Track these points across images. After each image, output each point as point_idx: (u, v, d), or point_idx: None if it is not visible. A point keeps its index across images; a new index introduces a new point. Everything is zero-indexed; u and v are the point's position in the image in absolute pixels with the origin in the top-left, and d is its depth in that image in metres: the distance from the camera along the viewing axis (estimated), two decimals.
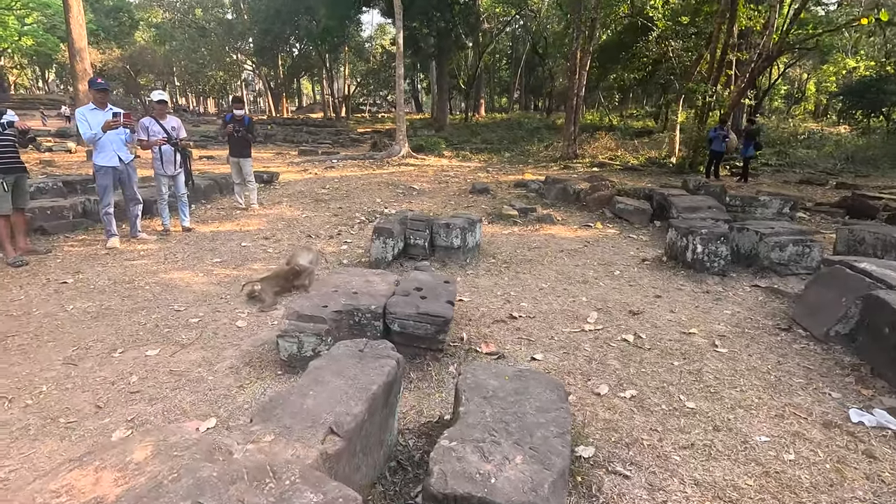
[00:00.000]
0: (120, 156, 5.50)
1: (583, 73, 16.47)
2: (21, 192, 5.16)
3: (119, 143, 5.51)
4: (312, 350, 2.83)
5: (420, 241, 5.02)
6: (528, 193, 9.41)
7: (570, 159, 16.81)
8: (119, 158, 5.49)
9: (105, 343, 3.33)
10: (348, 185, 10.29)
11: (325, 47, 35.00)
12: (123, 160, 5.54)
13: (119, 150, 5.50)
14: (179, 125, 6.21)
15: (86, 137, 5.35)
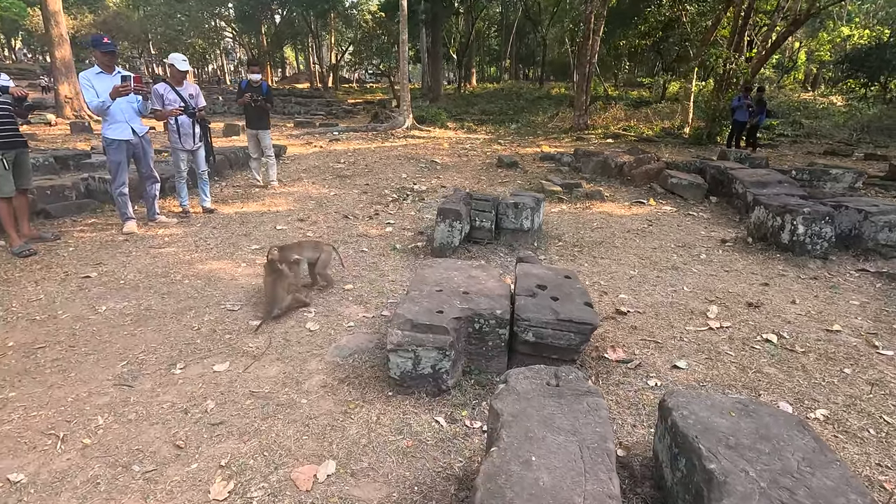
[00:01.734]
0: (133, 127, 4.75)
1: (596, 39, 15.70)
2: (23, 170, 4.45)
3: (131, 112, 4.75)
4: (432, 367, 2.31)
5: (486, 223, 4.47)
6: (561, 167, 8.85)
7: (582, 130, 16.21)
8: (132, 130, 4.74)
9: (158, 355, 2.77)
10: (364, 159, 9.59)
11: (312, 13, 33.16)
12: (137, 132, 4.79)
13: (131, 120, 4.74)
14: (198, 92, 5.43)
15: (92, 106, 4.57)
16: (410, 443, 2.10)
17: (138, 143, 4.84)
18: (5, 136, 4.22)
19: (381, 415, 2.27)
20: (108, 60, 4.65)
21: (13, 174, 4.32)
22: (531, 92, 27.90)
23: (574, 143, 13.68)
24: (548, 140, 14.92)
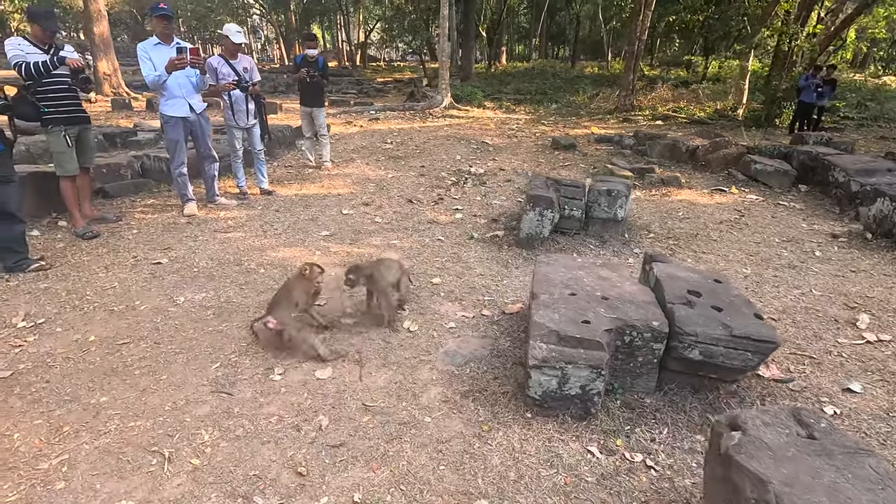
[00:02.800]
0: (191, 103, 4.43)
1: (647, 14, 14.81)
2: (86, 147, 4.22)
3: (189, 87, 4.44)
4: (581, 388, 1.98)
5: (576, 211, 4.07)
6: (623, 150, 8.31)
7: (628, 111, 15.45)
8: (190, 107, 4.43)
9: (252, 357, 2.50)
10: (411, 139, 9.21)
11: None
12: (195, 109, 4.48)
13: (189, 96, 4.43)
14: (252, 66, 5.08)
15: (149, 81, 4.27)
16: (568, 479, 1.78)
17: (196, 120, 4.54)
18: (69, 111, 3.99)
19: (522, 441, 1.95)
20: (165, 28, 4.30)
21: (76, 152, 4.10)
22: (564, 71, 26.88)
23: (621, 125, 13.05)
24: (592, 121, 14.28)
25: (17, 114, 3.94)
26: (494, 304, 3.11)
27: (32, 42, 3.81)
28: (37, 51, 3.80)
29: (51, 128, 3.92)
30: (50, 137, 3.97)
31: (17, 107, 3.89)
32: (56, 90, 3.89)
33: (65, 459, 1.84)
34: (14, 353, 2.49)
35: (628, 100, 15.61)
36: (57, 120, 3.92)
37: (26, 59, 3.68)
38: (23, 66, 3.65)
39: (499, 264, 3.74)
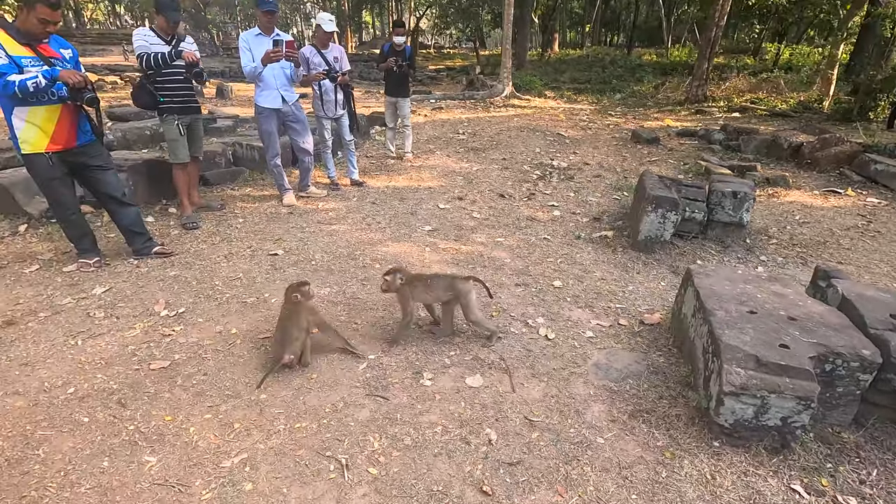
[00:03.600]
0: (283, 95, 4.41)
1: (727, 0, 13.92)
2: (195, 136, 4.30)
3: (284, 79, 4.41)
4: (781, 419, 1.80)
5: (697, 214, 3.81)
6: (711, 146, 7.83)
7: (701, 102, 14.66)
8: (282, 98, 4.41)
9: (397, 359, 2.45)
10: (483, 130, 9.03)
11: None
12: (287, 101, 4.46)
13: (283, 88, 4.42)
14: (342, 55, 5.01)
15: (246, 71, 4.31)
16: None
17: (289, 111, 4.53)
18: (182, 102, 4.06)
19: (714, 473, 1.80)
20: (268, 21, 4.28)
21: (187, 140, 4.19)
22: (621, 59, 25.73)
23: (695, 117, 12.39)
24: (662, 112, 13.66)
25: (138, 103, 4.08)
26: (628, 312, 2.94)
27: (157, 33, 3.89)
28: (160, 41, 3.88)
29: (165, 116, 4.02)
30: (164, 126, 4.07)
31: (137, 96, 4.01)
32: (172, 81, 3.97)
33: (245, 459, 1.83)
34: (166, 342, 2.54)
35: (701, 90, 14.80)
36: (171, 109, 4.00)
37: (149, 50, 3.77)
38: (144, 58, 3.75)
39: (618, 268, 3.55)
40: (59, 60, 3.03)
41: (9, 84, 2.75)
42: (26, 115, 2.95)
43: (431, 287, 2.50)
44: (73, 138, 3.15)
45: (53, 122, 3.03)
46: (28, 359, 2.39)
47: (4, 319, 2.71)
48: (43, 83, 2.81)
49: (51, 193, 3.20)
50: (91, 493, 1.68)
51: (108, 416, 2.03)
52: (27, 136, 3.00)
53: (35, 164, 3.08)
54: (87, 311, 2.83)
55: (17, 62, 2.83)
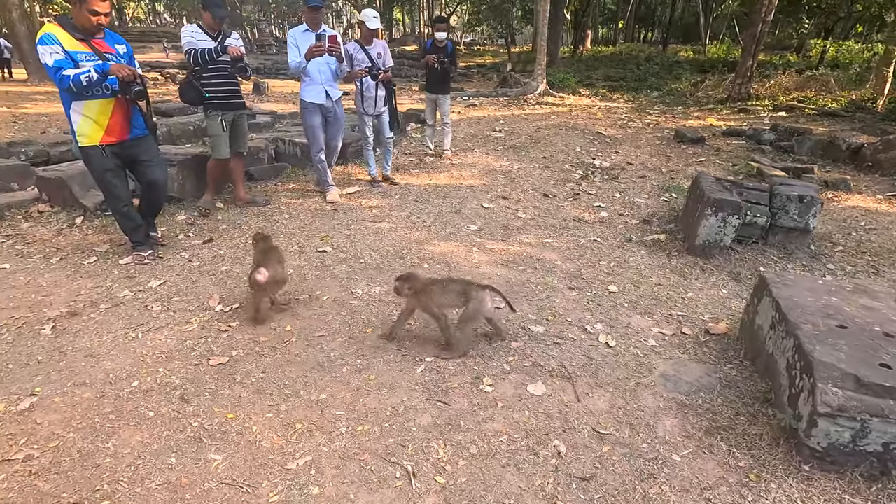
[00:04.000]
0: (328, 91, 4.43)
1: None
2: (240, 132, 4.33)
3: (329, 74, 4.42)
4: (883, 446, 1.66)
5: (759, 218, 3.63)
6: (761, 146, 7.51)
7: (744, 100, 14.15)
8: (326, 94, 4.43)
9: (454, 362, 2.39)
10: (520, 127, 8.90)
11: None
12: (331, 96, 4.48)
13: (327, 83, 4.43)
14: (386, 51, 4.97)
15: (292, 66, 4.32)
16: None
17: (332, 107, 4.55)
18: (226, 97, 4.08)
19: (805, 499, 1.67)
20: (314, 17, 4.29)
21: (230, 137, 4.22)
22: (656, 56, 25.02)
23: (738, 116, 11.97)
24: (702, 111, 13.26)
25: (184, 98, 4.12)
26: (690, 321, 2.81)
27: (204, 30, 3.94)
28: (206, 38, 3.93)
29: (210, 112, 4.07)
30: (208, 121, 4.13)
31: (184, 92, 4.05)
32: (218, 77, 4.01)
33: (309, 461, 1.80)
34: (222, 338, 2.55)
35: (744, 88, 14.29)
36: (215, 105, 4.05)
37: (196, 46, 3.82)
38: (191, 54, 3.80)
39: (674, 273, 3.41)
40: (113, 55, 3.10)
41: (64, 78, 2.84)
42: (83, 109, 3.05)
43: (447, 292, 2.42)
44: (126, 131, 3.23)
45: (107, 115, 3.11)
46: (92, 350, 2.43)
47: (68, 310, 2.77)
48: (95, 77, 2.89)
49: (105, 185, 3.28)
50: (161, 489, 1.68)
51: (172, 411, 2.04)
52: (84, 130, 3.09)
53: (90, 157, 3.16)
54: (144, 303, 2.87)
55: (72, 57, 2.92)
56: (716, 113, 12.60)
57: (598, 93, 16.74)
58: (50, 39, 2.87)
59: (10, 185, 4.68)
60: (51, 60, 2.84)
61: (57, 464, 1.77)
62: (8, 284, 3.07)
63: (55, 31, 2.91)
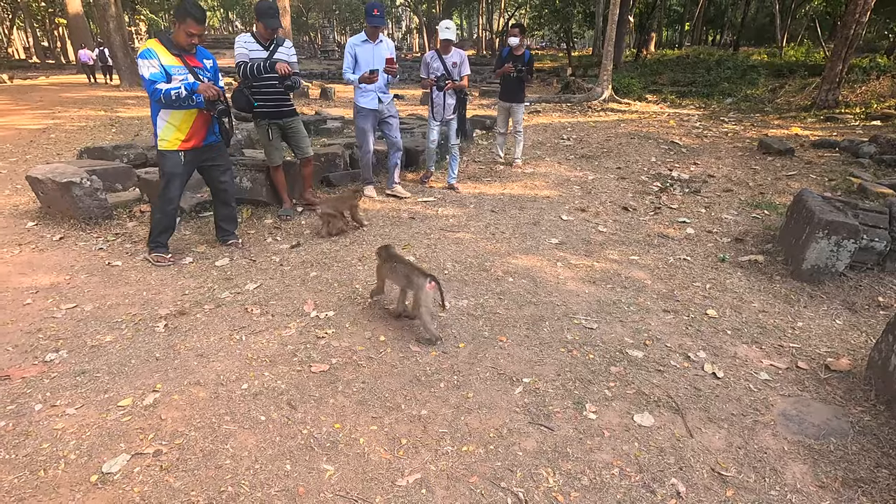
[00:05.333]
0: (380, 96, 4.74)
1: None
2: (298, 137, 4.39)
3: (381, 82, 4.70)
4: None
5: (878, 242, 3.32)
6: (859, 159, 6.91)
7: (831, 108, 13.15)
8: (379, 99, 4.74)
9: (554, 384, 2.33)
10: (588, 135, 8.68)
11: None
12: (383, 101, 4.78)
13: (380, 90, 4.73)
14: (462, 59, 5.05)
15: (345, 77, 4.67)
16: None
17: (384, 109, 4.82)
18: (274, 106, 4.15)
19: None
20: (374, 31, 4.59)
21: (289, 143, 4.37)
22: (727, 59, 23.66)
23: (825, 125, 11.15)
24: (783, 119, 12.44)
25: (235, 105, 4.08)
26: (805, 354, 2.60)
27: (257, 39, 4.01)
28: (259, 47, 4.01)
29: (258, 121, 4.18)
30: (258, 129, 4.29)
31: (235, 99, 4.05)
32: (266, 87, 4.07)
33: (419, 479, 1.80)
34: (321, 344, 2.61)
35: (832, 94, 13.26)
36: (263, 114, 4.13)
37: (247, 57, 3.94)
38: (241, 67, 3.93)
39: (778, 300, 3.18)
40: (201, 70, 3.36)
41: (156, 91, 3.12)
42: (168, 117, 3.32)
43: (395, 272, 2.74)
44: (202, 139, 3.48)
45: (189, 123, 3.38)
46: (202, 349, 2.56)
47: (177, 309, 2.94)
48: (184, 94, 3.15)
49: (167, 184, 3.46)
50: (281, 496, 1.73)
51: (282, 416, 2.10)
52: (166, 135, 3.35)
53: (168, 159, 3.40)
54: (244, 306, 3.00)
55: (167, 71, 3.19)
56: (799, 121, 11.78)
57: (667, 99, 16.12)
58: (150, 54, 3.14)
59: (114, 185, 5.06)
60: (147, 73, 3.13)
61: (183, 461, 1.86)
62: (122, 281, 3.30)
63: (155, 46, 3.19)
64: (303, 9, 40.34)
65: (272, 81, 4.05)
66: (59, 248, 3.78)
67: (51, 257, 3.64)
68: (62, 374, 2.35)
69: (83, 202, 4.20)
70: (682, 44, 37.03)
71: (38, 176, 4.28)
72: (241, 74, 3.95)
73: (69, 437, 1.96)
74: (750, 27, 33.31)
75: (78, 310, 2.93)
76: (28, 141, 7.76)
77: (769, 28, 28.93)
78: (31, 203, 4.70)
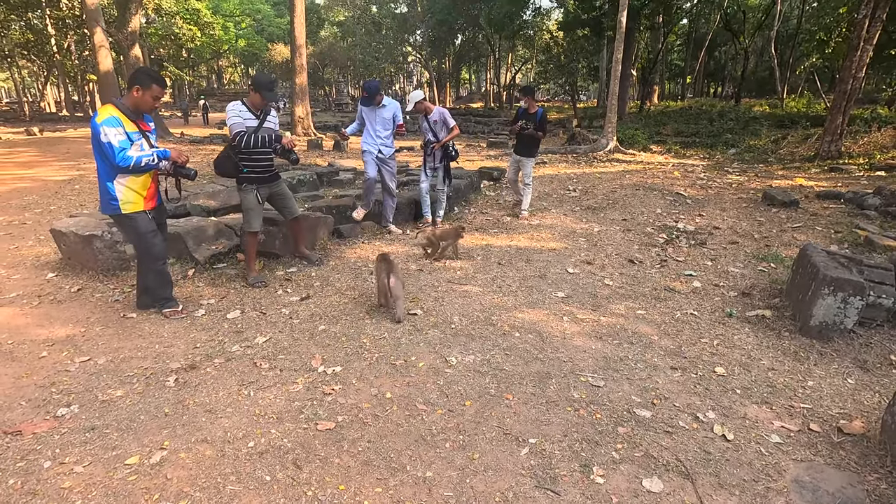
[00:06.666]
0: (381, 149, 5.46)
1: (867, 49, 12.77)
2: (285, 197, 4.39)
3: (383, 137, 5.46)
4: None
5: (885, 299, 3.31)
6: (864, 211, 6.96)
7: (835, 159, 13.36)
8: (380, 150, 5.46)
9: (560, 445, 2.30)
10: (594, 187, 8.87)
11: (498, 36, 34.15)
12: (384, 153, 5.49)
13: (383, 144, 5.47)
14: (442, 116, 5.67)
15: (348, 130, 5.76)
16: None
17: (384, 159, 5.48)
18: (262, 172, 4.12)
19: None
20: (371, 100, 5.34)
21: (276, 206, 4.39)
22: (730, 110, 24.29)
23: (829, 175, 11.29)
24: (787, 170, 12.63)
25: (220, 171, 4.15)
26: (817, 415, 2.56)
27: (249, 108, 3.98)
28: (252, 116, 3.98)
29: (245, 186, 4.07)
30: (243, 194, 4.11)
31: (221, 165, 4.08)
32: (258, 154, 4.05)
33: None
34: (327, 401, 2.63)
35: (834, 145, 13.51)
36: (252, 179, 4.06)
37: (243, 126, 3.92)
38: (240, 136, 3.87)
39: (788, 357, 3.15)
40: (150, 133, 3.41)
41: (127, 159, 3.13)
42: (126, 181, 3.30)
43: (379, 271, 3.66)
44: (157, 199, 3.57)
45: (147, 184, 3.43)
46: (211, 405, 2.58)
47: (188, 363, 2.99)
48: (154, 161, 3.28)
49: (147, 245, 3.44)
50: None
51: (287, 477, 2.10)
52: (129, 198, 3.32)
53: (138, 221, 3.38)
54: (253, 360, 3.04)
55: (130, 137, 3.21)
56: (803, 172, 11.95)
57: (671, 149, 16.48)
58: (118, 122, 3.13)
59: None
60: (116, 141, 3.10)
61: None
62: (136, 333, 3.37)
63: (117, 113, 3.17)
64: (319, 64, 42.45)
65: (267, 150, 4.07)
66: (76, 300, 3.89)
67: (68, 309, 3.74)
68: (72, 429, 2.38)
69: (103, 254, 4.35)
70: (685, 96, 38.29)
71: (61, 229, 4.46)
72: (238, 143, 3.89)
73: (75, 497, 1.97)
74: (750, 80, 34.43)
75: (91, 363, 2.99)
76: (53, 192, 8.10)
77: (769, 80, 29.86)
78: (52, 254, 4.87)
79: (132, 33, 18.03)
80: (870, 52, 12.92)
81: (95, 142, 3.18)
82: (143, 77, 3.25)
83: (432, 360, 3.04)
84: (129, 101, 3.26)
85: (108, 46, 17.07)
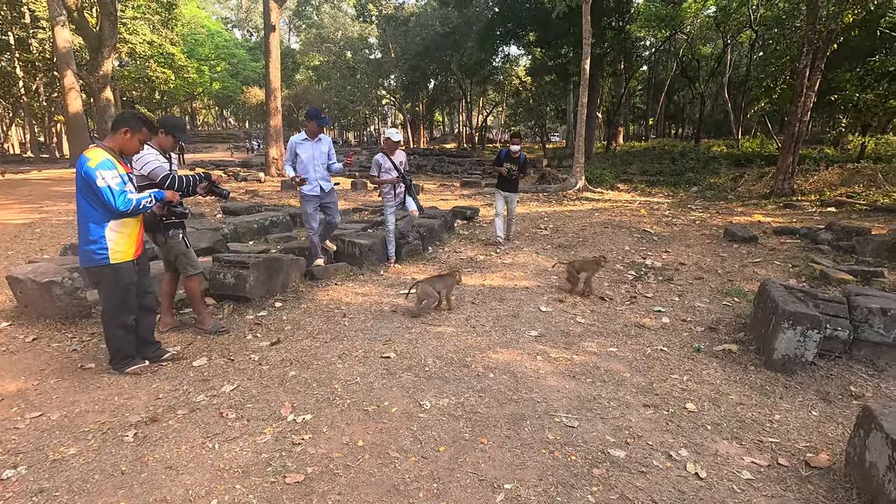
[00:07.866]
0: (321, 185, 5.39)
1: (809, 96, 13.79)
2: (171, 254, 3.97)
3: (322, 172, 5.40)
4: None
5: (840, 332, 3.46)
6: (818, 246, 7.33)
7: (788, 196, 14.14)
8: (321, 188, 5.40)
9: (535, 490, 2.26)
10: (564, 225, 9.10)
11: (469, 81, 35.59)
12: (324, 189, 5.44)
13: (321, 179, 5.38)
14: (404, 158, 6.06)
15: (285, 168, 5.41)
16: None
17: (324, 196, 5.47)
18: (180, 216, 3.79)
19: None
20: (317, 130, 5.33)
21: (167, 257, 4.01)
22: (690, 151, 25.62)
23: (784, 212, 11.91)
24: (746, 206, 13.26)
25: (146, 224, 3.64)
26: (785, 449, 2.60)
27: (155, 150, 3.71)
28: (164, 159, 3.78)
29: (172, 233, 3.80)
30: (173, 241, 3.83)
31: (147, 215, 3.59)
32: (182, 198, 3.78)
33: None
34: (296, 451, 2.54)
35: (787, 183, 14.32)
36: (177, 224, 3.83)
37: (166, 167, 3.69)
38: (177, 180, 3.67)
39: (755, 391, 3.22)
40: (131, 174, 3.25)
41: (128, 202, 3.02)
42: (120, 227, 3.13)
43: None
44: (143, 245, 3.40)
45: (138, 230, 3.30)
46: (172, 461, 2.46)
47: (149, 415, 2.85)
48: (151, 202, 3.23)
49: (124, 298, 3.22)
50: None
51: None
52: (120, 246, 3.13)
53: (123, 272, 3.17)
54: (219, 409, 2.92)
55: (123, 179, 3.06)
56: (761, 209, 12.56)
57: (637, 188, 17.15)
58: (112, 165, 3.00)
59: None
60: (115, 184, 2.97)
61: None
62: (93, 385, 3.22)
63: (109, 156, 3.04)
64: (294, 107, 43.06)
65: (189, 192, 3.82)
66: (30, 351, 3.70)
67: (21, 360, 3.55)
68: (18, 493, 2.22)
69: (61, 301, 4.18)
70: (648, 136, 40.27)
71: (18, 275, 4.29)
72: (174, 186, 3.65)
73: None
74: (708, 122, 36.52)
75: (43, 419, 2.82)
76: (12, 236, 7.81)
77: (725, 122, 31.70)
78: (7, 302, 4.65)
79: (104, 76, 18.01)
80: (812, 97, 13.96)
81: (85, 187, 2.98)
82: (133, 120, 3.18)
83: (405, 404, 2.99)
84: (115, 143, 3.13)
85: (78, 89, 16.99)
